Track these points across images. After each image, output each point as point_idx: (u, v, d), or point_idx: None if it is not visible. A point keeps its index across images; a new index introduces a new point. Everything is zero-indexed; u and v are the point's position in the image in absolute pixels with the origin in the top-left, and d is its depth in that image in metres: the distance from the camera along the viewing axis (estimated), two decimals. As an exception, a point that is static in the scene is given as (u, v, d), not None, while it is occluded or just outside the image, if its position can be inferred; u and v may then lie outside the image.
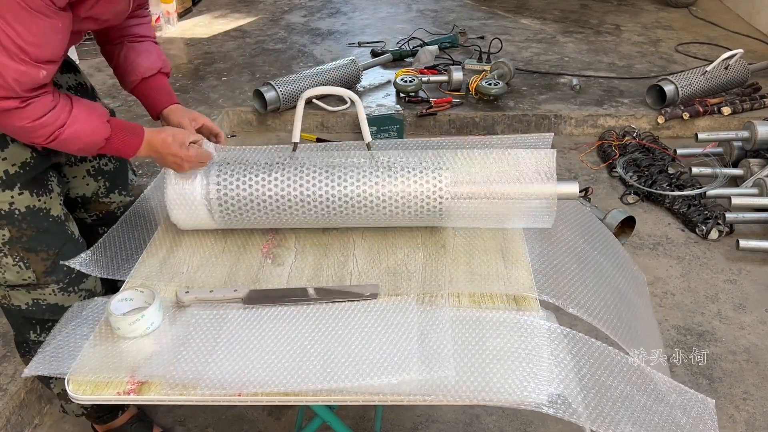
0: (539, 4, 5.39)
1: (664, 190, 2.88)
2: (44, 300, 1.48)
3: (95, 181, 1.63)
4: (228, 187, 1.35)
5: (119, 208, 1.69)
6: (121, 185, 1.69)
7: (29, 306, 1.49)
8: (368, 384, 1.04)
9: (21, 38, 1.11)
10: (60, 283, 1.48)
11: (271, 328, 1.16)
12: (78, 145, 1.29)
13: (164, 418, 1.92)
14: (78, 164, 1.59)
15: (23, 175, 1.36)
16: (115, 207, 1.69)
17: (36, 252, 1.43)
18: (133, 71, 1.53)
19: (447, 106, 3.54)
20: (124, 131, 1.34)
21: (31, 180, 1.38)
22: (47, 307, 1.49)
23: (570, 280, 1.28)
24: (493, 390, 1.02)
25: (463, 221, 1.37)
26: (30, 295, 1.47)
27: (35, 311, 1.49)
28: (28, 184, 1.38)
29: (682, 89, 3.40)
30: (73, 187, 1.60)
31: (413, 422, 1.87)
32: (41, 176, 1.41)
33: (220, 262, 1.37)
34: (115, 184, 1.67)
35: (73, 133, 1.25)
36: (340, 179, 1.33)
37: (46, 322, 1.52)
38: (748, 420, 1.88)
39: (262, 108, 3.49)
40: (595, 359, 1.12)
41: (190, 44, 4.55)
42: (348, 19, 5.07)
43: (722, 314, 2.27)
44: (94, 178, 1.63)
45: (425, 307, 1.19)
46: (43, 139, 1.24)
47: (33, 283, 1.45)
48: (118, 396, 1.06)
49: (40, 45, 1.15)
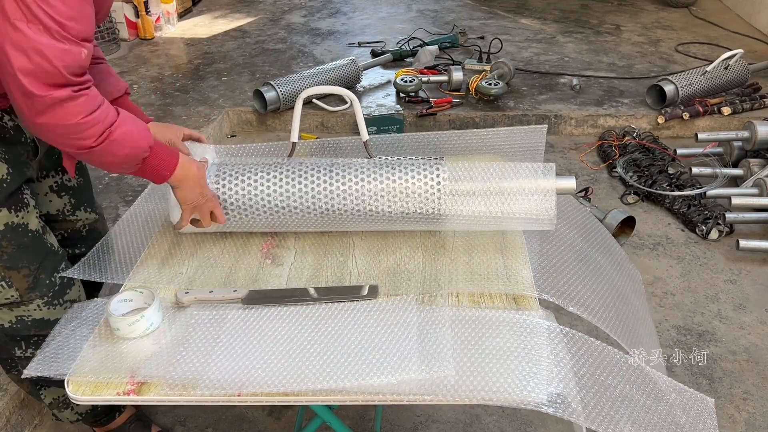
0: (539, 4, 5.39)
1: (664, 190, 2.87)
2: (29, 316, 1.44)
3: (59, 197, 1.57)
4: (227, 192, 1.35)
5: (84, 227, 1.65)
6: (86, 202, 1.64)
7: (13, 324, 1.45)
8: (368, 384, 1.04)
9: (59, 13, 1.03)
10: (44, 297, 1.43)
11: (270, 328, 1.16)
12: (125, 149, 1.17)
13: (164, 418, 1.92)
14: (41, 180, 1.51)
15: (0, 192, 1.31)
16: (81, 225, 1.64)
17: (18, 269, 1.38)
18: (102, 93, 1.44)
19: (447, 106, 3.54)
20: (164, 148, 1.26)
21: (7, 196, 1.33)
22: (33, 323, 1.45)
23: (569, 278, 1.28)
24: (493, 389, 1.02)
25: (463, 224, 1.37)
26: (13, 313, 1.43)
27: (20, 328, 1.45)
28: (5, 201, 1.32)
29: (682, 89, 3.40)
30: (37, 204, 1.50)
31: (413, 422, 1.87)
32: (17, 191, 1.35)
33: (220, 262, 1.37)
34: (81, 201, 1.62)
35: (123, 135, 1.15)
36: (338, 182, 1.33)
37: (32, 338, 1.48)
38: (748, 420, 1.88)
39: (262, 108, 3.49)
40: (595, 359, 1.12)
41: (190, 44, 4.55)
42: (348, 19, 5.07)
43: (722, 314, 2.27)
44: (57, 195, 1.56)
45: (424, 307, 1.20)
46: (94, 140, 1.12)
47: (16, 301, 1.41)
48: (117, 396, 1.06)
49: (77, 19, 1.06)
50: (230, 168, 1.37)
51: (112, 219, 2.71)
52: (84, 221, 1.64)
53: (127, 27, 4.50)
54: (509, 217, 1.34)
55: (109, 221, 2.70)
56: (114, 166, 1.21)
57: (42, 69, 1.04)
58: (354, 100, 1.44)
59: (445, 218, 1.34)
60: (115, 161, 1.19)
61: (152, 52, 4.40)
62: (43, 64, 1.04)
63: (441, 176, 1.33)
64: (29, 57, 1.03)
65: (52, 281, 1.44)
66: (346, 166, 1.36)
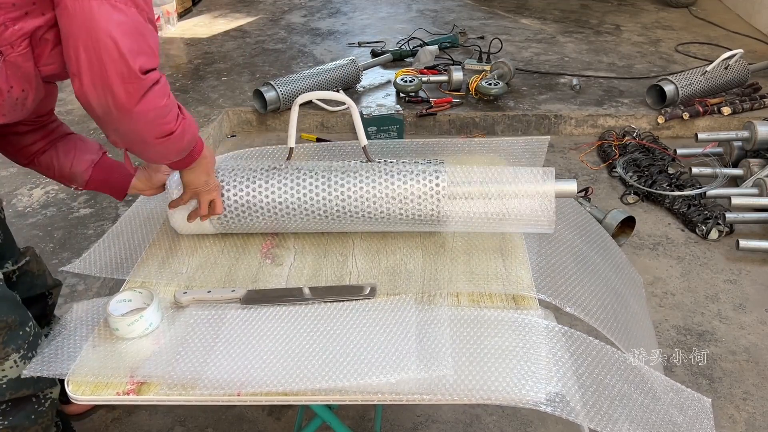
0: (539, 4, 5.39)
1: (664, 190, 2.87)
2: (3, 377, 1.30)
3: None
4: (227, 199, 1.35)
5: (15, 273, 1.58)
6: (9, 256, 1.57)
7: None
8: (367, 383, 1.04)
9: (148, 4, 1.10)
10: (20, 350, 1.31)
11: (269, 327, 1.16)
12: (189, 135, 1.20)
13: (164, 418, 1.92)
14: None
15: None
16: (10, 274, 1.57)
17: None
18: (81, 161, 1.40)
19: (447, 106, 3.54)
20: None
21: None
22: (8, 384, 1.31)
23: (568, 279, 1.28)
24: (492, 389, 1.02)
25: (462, 227, 1.37)
26: None
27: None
28: None
29: (682, 89, 3.40)
30: None
31: (413, 422, 1.87)
32: None
33: (220, 262, 1.37)
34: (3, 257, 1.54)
35: (188, 120, 1.19)
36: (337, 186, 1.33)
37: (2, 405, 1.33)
38: (748, 420, 1.88)
39: (262, 108, 3.49)
40: (593, 358, 1.12)
41: (190, 44, 4.55)
42: (348, 19, 5.07)
43: (722, 314, 2.27)
44: None
45: (424, 306, 1.20)
46: (173, 123, 1.14)
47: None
48: (117, 396, 1.06)
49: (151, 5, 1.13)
50: (229, 173, 1.38)
51: (112, 219, 2.72)
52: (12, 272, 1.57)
53: (128, 27, 4.49)
54: (509, 221, 1.34)
55: (108, 221, 2.71)
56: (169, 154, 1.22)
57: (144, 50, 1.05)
58: (351, 105, 1.43)
59: (445, 222, 1.34)
60: (176, 147, 1.20)
61: (152, 52, 4.40)
62: (143, 46, 1.05)
63: (440, 181, 1.33)
64: (134, 38, 1.03)
65: (26, 332, 1.33)
66: (345, 171, 1.35)
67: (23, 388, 1.31)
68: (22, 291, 1.52)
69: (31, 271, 1.65)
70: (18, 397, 1.31)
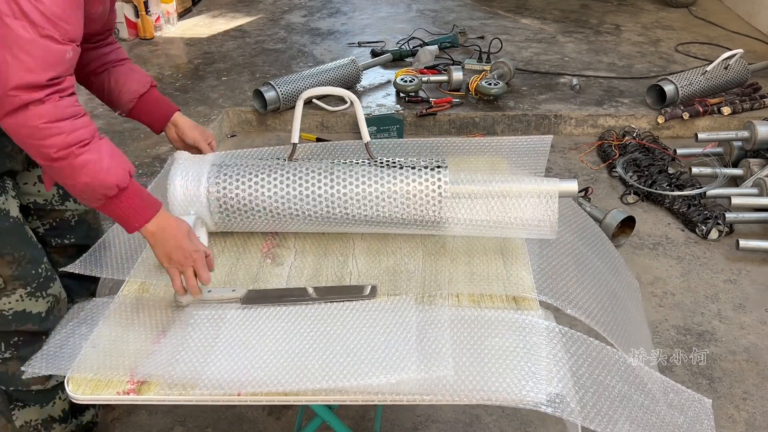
0: (539, 4, 5.39)
1: (664, 190, 2.87)
2: (9, 308, 1.41)
3: None
4: (227, 195, 1.35)
5: (74, 217, 1.62)
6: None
7: None
8: (367, 383, 1.04)
9: (48, 10, 1.03)
10: (28, 287, 1.41)
11: (269, 327, 1.16)
12: (85, 177, 1.11)
13: (164, 418, 1.92)
14: (30, 170, 1.49)
15: None
16: (70, 215, 1.61)
17: (1, 255, 1.37)
18: (129, 91, 1.48)
19: (447, 106, 3.54)
20: (141, 197, 1.19)
21: None
22: (13, 317, 1.42)
23: (568, 281, 1.28)
24: (492, 389, 1.02)
25: (464, 230, 1.36)
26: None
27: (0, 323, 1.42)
28: None
29: (682, 89, 3.40)
30: (26, 193, 1.50)
31: (413, 422, 1.88)
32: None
33: (220, 261, 1.37)
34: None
35: (87, 162, 1.10)
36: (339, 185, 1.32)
37: (12, 337, 1.45)
38: (748, 420, 1.88)
39: (262, 108, 3.49)
40: (593, 358, 1.12)
41: (190, 44, 4.55)
42: (348, 19, 5.07)
43: (722, 314, 2.27)
44: None
45: (424, 307, 1.20)
46: (55, 150, 1.07)
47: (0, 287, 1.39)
48: (117, 396, 1.07)
49: (66, 19, 1.06)
50: (231, 169, 1.37)
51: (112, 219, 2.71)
52: (73, 211, 1.62)
53: (127, 27, 4.50)
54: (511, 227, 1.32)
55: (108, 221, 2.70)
56: (75, 192, 1.16)
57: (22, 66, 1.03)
58: (355, 101, 1.44)
59: (447, 224, 1.34)
60: (75, 187, 1.14)
61: (152, 52, 4.40)
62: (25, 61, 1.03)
63: (442, 175, 1.32)
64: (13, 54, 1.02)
65: (38, 272, 1.41)
66: (347, 170, 1.35)
67: (28, 322, 1.36)
68: (77, 237, 1.63)
69: (87, 221, 1.67)
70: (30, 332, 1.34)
